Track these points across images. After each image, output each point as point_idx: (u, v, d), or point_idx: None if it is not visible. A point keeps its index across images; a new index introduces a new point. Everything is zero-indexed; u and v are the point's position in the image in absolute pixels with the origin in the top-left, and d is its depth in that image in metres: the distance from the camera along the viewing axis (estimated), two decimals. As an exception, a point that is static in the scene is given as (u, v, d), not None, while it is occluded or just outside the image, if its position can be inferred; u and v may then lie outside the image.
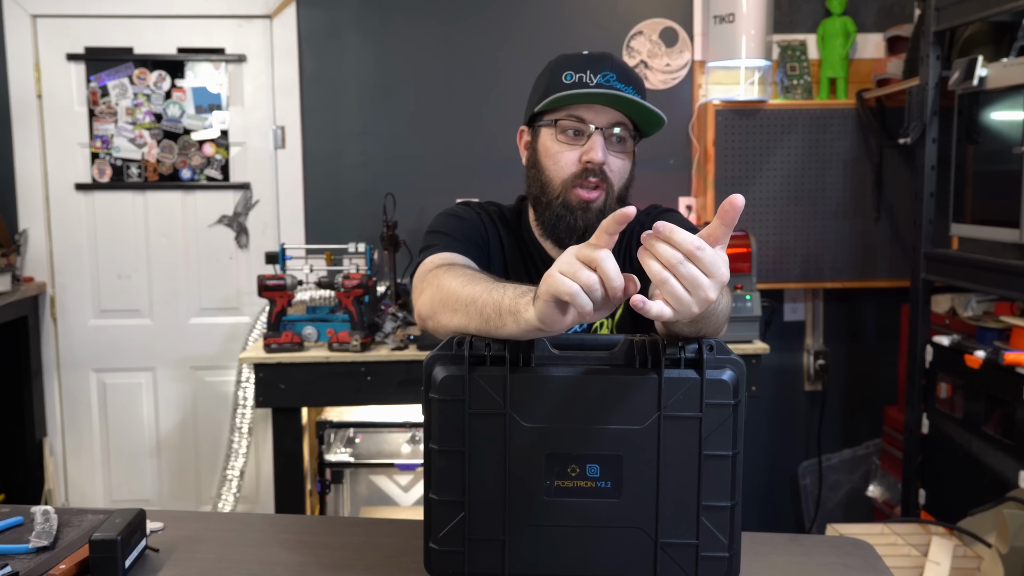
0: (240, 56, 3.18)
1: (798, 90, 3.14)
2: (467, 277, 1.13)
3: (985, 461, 2.36)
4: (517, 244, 1.44)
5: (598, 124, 1.30)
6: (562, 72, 1.32)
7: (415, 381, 2.58)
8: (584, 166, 1.31)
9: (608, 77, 1.29)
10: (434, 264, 1.25)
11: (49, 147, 3.19)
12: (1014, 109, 2.27)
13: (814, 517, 3.30)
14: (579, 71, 1.30)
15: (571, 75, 1.31)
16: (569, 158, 1.32)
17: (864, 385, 3.34)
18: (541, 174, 1.36)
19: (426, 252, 1.32)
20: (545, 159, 1.35)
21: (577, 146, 1.32)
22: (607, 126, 1.31)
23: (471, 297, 1.05)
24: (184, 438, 3.32)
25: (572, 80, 1.30)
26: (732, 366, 1.00)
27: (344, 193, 3.22)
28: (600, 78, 1.29)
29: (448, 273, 1.17)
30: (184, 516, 1.37)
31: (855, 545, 1.26)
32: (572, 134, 1.32)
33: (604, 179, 1.32)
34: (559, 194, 1.33)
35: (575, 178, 1.32)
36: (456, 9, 3.17)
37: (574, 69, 1.31)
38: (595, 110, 1.30)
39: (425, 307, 1.18)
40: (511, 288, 1.01)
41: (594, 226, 1.32)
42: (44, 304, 3.22)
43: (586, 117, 1.31)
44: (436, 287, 1.16)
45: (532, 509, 1.01)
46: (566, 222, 1.33)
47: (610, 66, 1.31)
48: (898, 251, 3.13)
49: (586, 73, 1.30)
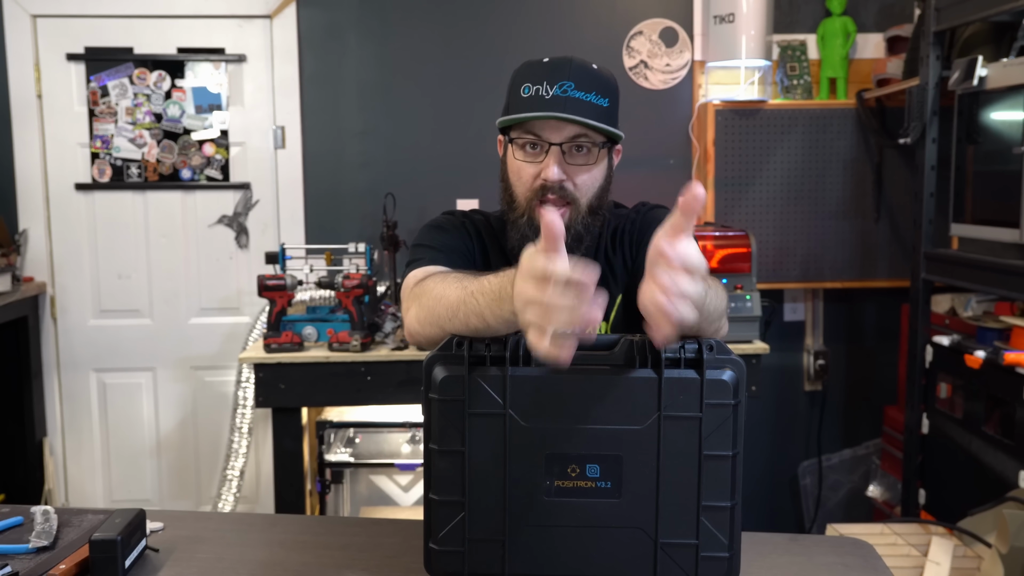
0: (240, 56, 3.18)
1: (798, 90, 3.14)
2: (447, 284, 1.12)
3: (985, 461, 2.36)
4: (502, 251, 1.42)
5: (554, 140, 1.27)
6: (521, 85, 1.29)
7: (415, 381, 2.57)
8: (543, 182, 1.28)
9: (566, 87, 1.25)
10: (416, 279, 1.24)
11: (49, 147, 3.19)
12: (1014, 109, 2.27)
13: (814, 517, 3.30)
14: (537, 82, 1.27)
15: (528, 87, 1.27)
16: (529, 173, 1.30)
17: (864, 385, 3.34)
18: (508, 189, 1.34)
19: (411, 267, 1.32)
20: (511, 174, 1.33)
21: (536, 162, 1.29)
22: (566, 140, 1.27)
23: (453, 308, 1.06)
24: (184, 438, 3.32)
25: (529, 93, 1.27)
26: (732, 366, 1.00)
27: (344, 193, 3.21)
28: (557, 89, 1.25)
29: (429, 284, 1.17)
30: (184, 516, 1.37)
31: (855, 545, 1.26)
32: (531, 149, 1.29)
33: (567, 195, 1.29)
34: (524, 212, 1.31)
35: (537, 195, 1.29)
36: (456, 9, 3.17)
37: (532, 81, 1.28)
38: (551, 125, 1.26)
39: (413, 324, 1.18)
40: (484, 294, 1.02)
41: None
42: (44, 304, 3.22)
43: (542, 134, 1.27)
44: (420, 302, 1.16)
45: (532, 509, 1.01)
46: (531, 241, 1.32)
47: (568, 74, 1.26)
48: (898, 251, 3.13)
49: (543, 85, 1.26)
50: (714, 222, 3.04)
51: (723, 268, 2.76)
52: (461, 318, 1.05)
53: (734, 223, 3.05)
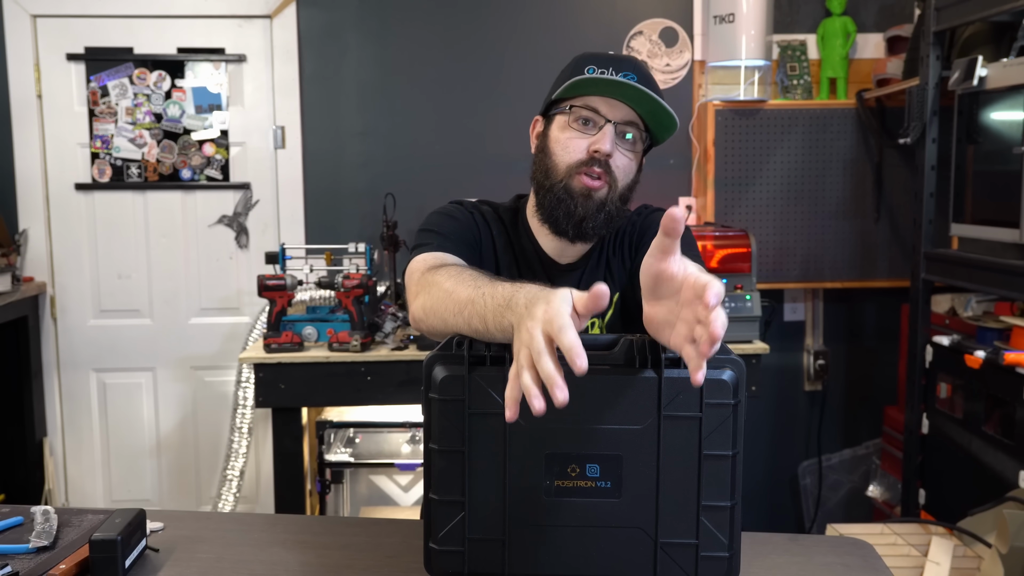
0: (240, 56, 3.18)
1: (798, 90, 3.14)
2: (461, 279, 1.12)
3: (985, 461, 2.36)
4: (511, 244, 1.43)
5: (611, 118, 1.31)
6: (585, 65, 1.33)
7: (415, 381, 2.58)
8: (591, 155, 1.32)
9: (630, 77, 1.29)
10: (427, 265, 1.25)
11: (49, 147, 3.19)
12: (1014, 109, 2.27)
13: (814, 517, 3.30)
14: (603, 67, 1.31)
15: (594, 68, 1.32)
16: (578, 145, 1.33)
17: (864, 385, 3.34)
18: (548, 159, 1.36)
19: (418, 250, 1.33)
20: (554, 145, 1.36)
21: (588, 135, 1.33)
22: (620, 122, 1.32)
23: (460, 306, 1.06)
24: (184, 438, 3.32)
25: (595, 73, 1.31)
26: (732, 366, 1.00)
27: (344, 193, 3.22)
28: (622, 75, 1.30)
29: (442, 275, 1.17)
30: (184, 516, 1.37)
31: (855, 545, 1.26)
32: (584, 123, 1.33)
33: (609, 172, 1.32)
34: (563, 178, 1.34)
35: (581, 165, 1.32)
36: (456, 9, 3.17)
37: (598, 64, 1.32)
38: (610, 104, 1.31)
39: (419, 312, 1.19)
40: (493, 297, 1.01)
41: (592, 217, 1.33)
42: (44, 304, 3.22)
43: (601, 109, 1.32)
44: (429, 292, 1.16)
45: (532, 509, 1.01)
46: (566, 207, 1.33)
47: (633, 68, 1.32)
48: (898, 251, 3.13)
49: (608, 70, 1.31)
50: (714, 222, 3.04)
51: (723, 268, 2.76)
52: (465, 317, 1.05)
53: (734, 223, 3.05)
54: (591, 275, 1.41)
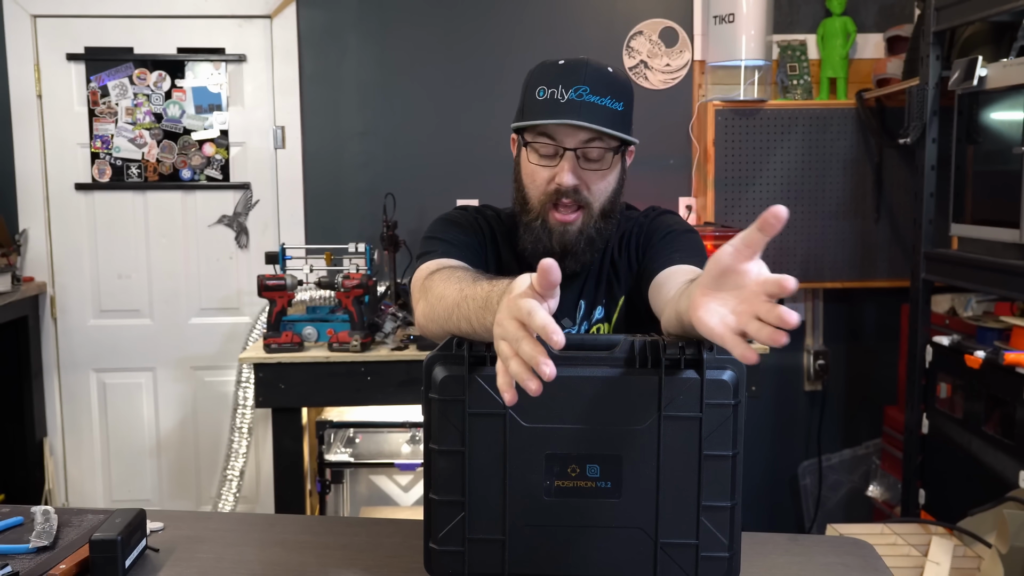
0: (240, 56, 3.18)
1: (798, 90, 3.14)
2: (449, 283, 1.13)
3: (985, 461, 2.36)
4: (512, 249, 1.43)
5: (568, 145, 1.27)
6: (536, 87, 1.29)
7: (415, 381, 2.58)
8: (556, 187, 1.29)
9: (581, 91, 1.24)
10: (429, 271, 1.25)
11: (49, 147, 3.19)
12: (1014, 109, 2.27)
13: (814, 517, 3.30)
14: (552, 85, 1.27)
15: (543, 90, 1.27)
16: (544, 176, 1.30)
17: (864, 385, 3.34)
18: (521, 190, 1.35)
19: (422, 259, 1.33)
20: (524, 176, 1.34)
21: (551, 166, 1.29)
22: (580, 145, 1.27)
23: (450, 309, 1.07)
24: (184, 438, 3.32)
25: (544, 96, 1.27)
26: (732, 366, 1.00)
27: (344, 193, 3.21)
28: (572, 93, 1.25)
29: (435, 279, 1.18)
30: (184, 516, 1.37)
31: (855, 545, 1.26)
32: (545, 152, 1.29)
33: (580, 199, 1.29)
34: (537, 215, 1.32)
35: (550, 198, 1.30)
36: (456, 9, 3.17)
37: (547, 83, 1.27)
38: (566, 130, 1.26)
39: (421, 319, 1.20)
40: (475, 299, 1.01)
41: (573, 247, 1.31)
42: (44, 304, 3.22)
43: (557, 137, 1.27)
44: (426, 298, 1.17)
45: (532, 509, 1.01)
46: (544, 244, 1.31)
47: (583, 77, 1.26)
48: (898, 251, 3.13)
49: (558, 88, 1.26)
50: (714, 222, 3.04)
51: (723, 268, 2.75)
52: (455, 320, 1.05)
53: (734, 223, 3.05)
54: (595, 278, 1.41)
